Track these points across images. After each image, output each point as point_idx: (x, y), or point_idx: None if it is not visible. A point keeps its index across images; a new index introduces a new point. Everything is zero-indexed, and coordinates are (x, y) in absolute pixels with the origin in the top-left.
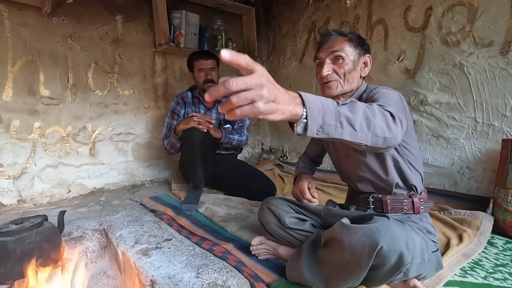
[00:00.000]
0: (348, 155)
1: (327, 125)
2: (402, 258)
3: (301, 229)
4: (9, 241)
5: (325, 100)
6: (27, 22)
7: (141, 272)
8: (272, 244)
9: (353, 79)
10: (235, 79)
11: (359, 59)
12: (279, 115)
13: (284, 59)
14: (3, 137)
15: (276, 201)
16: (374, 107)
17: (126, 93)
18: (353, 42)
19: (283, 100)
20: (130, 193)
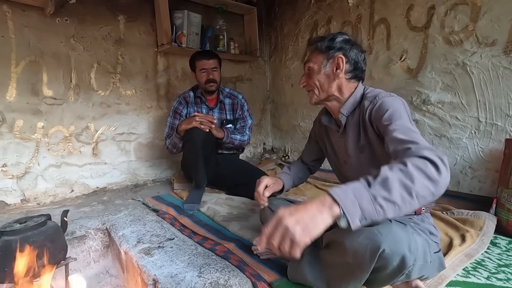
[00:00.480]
0: (346, 161)
1: (367, 213)
2: (404, 261)
3: None
4: (13, 240)
5: (356, 187)
6: (30, 22)
7: (143, 271)
8: None
9: (330, 86)
10: (260, 240)
11: (327, 64)
12: (321, 226)
13: (286, 58)
14: (6, 137)
15: (278, 202)
16: (409, 168)
17: (128, 93)
18: (320, 49)
19: (312, 213)
20: (132, 193)
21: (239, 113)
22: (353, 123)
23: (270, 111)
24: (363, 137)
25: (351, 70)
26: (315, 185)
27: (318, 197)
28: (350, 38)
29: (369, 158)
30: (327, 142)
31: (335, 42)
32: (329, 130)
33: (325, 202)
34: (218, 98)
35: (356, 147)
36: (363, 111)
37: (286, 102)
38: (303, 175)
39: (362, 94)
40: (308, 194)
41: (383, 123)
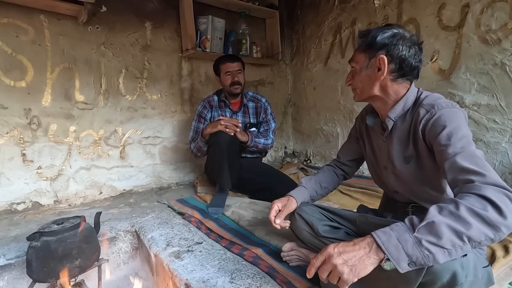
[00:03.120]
0: (386, 167)
1: (415, 257)
2: (455, 278)
3: (335, 237)
4: (51, 241)
5: (400, 231)
6: (65, 31)
7: (175, 275)
8: (304, 251)
9: (372, 88)
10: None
11: (369, 64)
12: (369, 268)
13: (308, 61)
14: (42, 140)
15: (308, 208)
16: (461, 212)
17: (154, 97)
18: (362, 47)
19: (359, 255)
20: (157, 195)
21: (262, 116)
22: (401, 129)
23: (292, 114)
24: (411, 148)
25: (396, 70)
26: (340, 190)
27: (364, 238)
28: (398, 31)
29: (414, 170)
30: (367, 142)
31: (376, 40)
32: (371, 130)
33: (371, 245)
34: (241, 101)
35: (400, 156)
36: (416, 120)
37: (308, 106)
38: (329, 185)
39: (416, 98)
40: (332, 199)
41: (440, 142)
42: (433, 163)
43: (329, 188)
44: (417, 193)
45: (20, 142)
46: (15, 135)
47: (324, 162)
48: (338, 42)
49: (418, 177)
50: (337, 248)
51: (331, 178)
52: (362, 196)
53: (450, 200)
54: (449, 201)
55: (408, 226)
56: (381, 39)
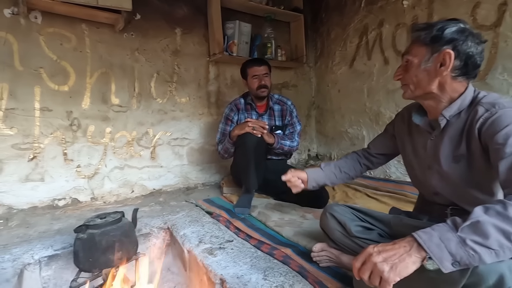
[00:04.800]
0: (431, 166)
1: (459, 257)
2: (503, 281)
3: (368, 238)
4: (96, 234)
5: (442, 230)
6: (103, 38)
7: (209, 270)
8: (335, 252)
9: (430, 84)
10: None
11: (430, 59)
12: (411, 267)
13: (333, 64)
14: (81, 141)
15: (340, 208)
16: (509, 212)
17: (183, 100)
18: (424, 40)
19: (400, 254)
20: (185, 195)
21: (288, 119)
22: (454, 128)
23: (315, 117)
24: (464, 147)
25: (461, 67)
26: (366, 194)
27: (404, 238)
28: (466, 27)
29: (464, 170)
30: (408, 141)
31: (444, 33)
32: (414, 129)
33: (411, 244)
34: (267, 104)
35: (450, 155)
36: (473, 119)
37: (332, 108)
38: (349, 171)
39: (473, 97)
40: (358, 203)
41: (497, 140)
42: (486, 164)
43: (349, 174)
44: (462, 195)
45: (62, 142)
46: (58, 136)
47: None
48: (364, 44)
49: (466, 178)
50: (376, 247)
51: (352, 165)
52: (389, 200)
53: (497, 201)
54: (496, 202)
55: (450, 226)
56: (450, 33)
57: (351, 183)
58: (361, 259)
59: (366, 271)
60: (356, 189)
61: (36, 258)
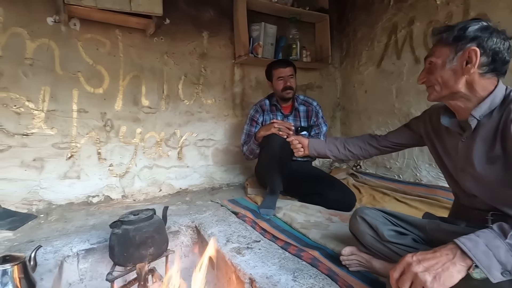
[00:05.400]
0: (464, 169)
1: (510, 265)
2: None
3: (402, 243)
4: (130, 229)
5: (488, 237)
6: (135, 42)
7: (238, 269)
8: (365, 256)
9: (456, 83)
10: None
11: (455, 58)
12: (456, 277)
13: (359, 64)
14: (113, 141)
15: (371, 212)
16: None
17: (208, 102)
18: (446, 40)
19: (443, 262)
20: (210, 195)
21: (313, 120)
22: (486, 128)
23: (340, 118)
24: (499, 148)
25: (488, 63)
26: (395, 198)
27: (445, 245)
28: (488, 24)
29: (500, 171)
30: (438, 144)
31: (467, 31)
32: (443, 130)
33: (454, 252)
34: (293, 105)
35: (484, 157)
36: (507, 117)
37: (359, 109)
38: (355, 149)
39: (505, 95)
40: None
41: None
42: None
43: (353, 153)
44: (502, 198)
45: (97, 142)
46: (93, 136)
47: (376, 168)
48: (393, 43)
49: (503, 179)
50: (416, 256)
51: (359, 145)
52: (421, 205)
53: None
54: None
55: (497, 232)
56: (473, 30)
57: (378, 186)
58: (400, 268)
59: (406, 281)
60: (384, 193)
61: (75, 251)
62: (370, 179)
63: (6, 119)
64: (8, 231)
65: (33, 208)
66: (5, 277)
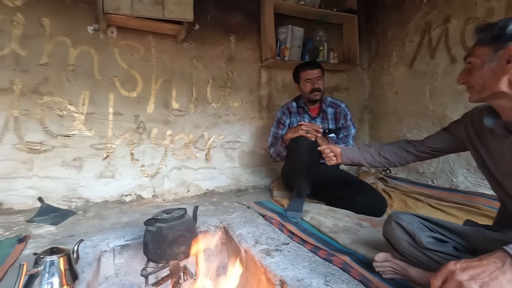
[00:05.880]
0: (510, 173)
1: None
2: None
3: (442, 251)
4: (164, 227)
5: None
6: (166, 48)
7: (268, 271)
8: (401, 264)
9: (497, 84)
10: None
11: (494, 57)
12: (506, 286)
13: (389, 65)
14: (145, 142)
15: (407, 217)
16: None
17: (235, 104)
18: (485, 40)
19: (491, 271)
20: (236, 197)
21: (342, 122)
22: None
23: (368, 121)
24: None
25: None
26: (429, 204)
27: (492, 253)
28: None
29: None
30: (482, 146)
31: (507, 30)
32: (487, 133)
33: (503, 260)
34: (320, 107)
35: None
36: None
37: (388, 112)
38: (390, 156)
39: None
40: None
41: None
42: None
43: (389, 160)
44: None
45: (130, 143)
46: (126, 137)
47: (407, 173)
48: (426, 43)
49: None
50: (459, 264)
51: (394, 151)
52: (458, 212)
53: None
54: None
55: None
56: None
57: (410, 191)
58: (441, 276)
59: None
60: (417, 199)
61: (111, 246)
62: (401, 184)
63: (50, 121)
64: (51, 225)
65: (73, 205)
66: (52, 268)
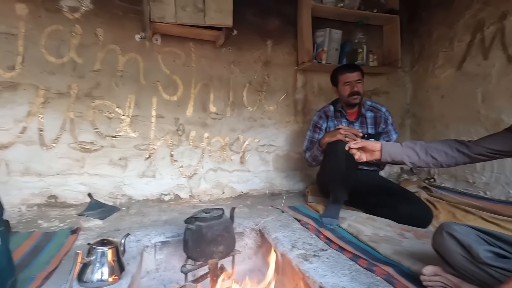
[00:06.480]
0: None
1: None
2: None
3: (504, 267)
4: (203, 226)
5: None
6: (205, 53)
7: (307, 276)
8: (453, 279)
9: None
10: None
11: None
12: None
13: (435, 67)
14: (184, 144)
15: (461, 228)
16: None
17: (271, 108)
18: None
19: None
20: (270, 200)
21: (382, 127)
22: None
23: (410, 126)
24: None
25: None
26: (481, 217)
27: None
28: None
29: None
30: None
31: None
32: None
33: None
34: (359, 111)
35: None
36: None
37: (433, 116)
38: (439, 156)
39: None
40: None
41: None
42: None
43: (437, 160)
44: None
45: (170, 145)
46: (167, 139)
47: (455, 183)
48: (478, 42)
49: None
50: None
51: (444, 151)
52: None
53: None
54: None
55: None
56: None
57: (459, 202)
58: None
59: None
60: (467, 211)
61: (153, 242)
62: (448, 194)
63: (100, 123)
64: (99, 220)
65: (117, 202)
66: (103, 258)
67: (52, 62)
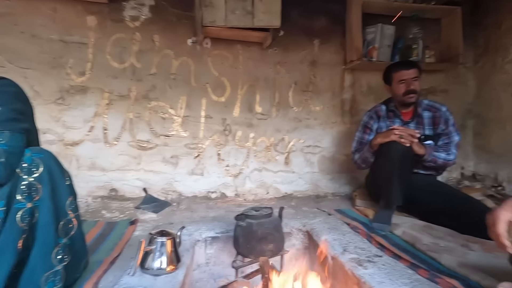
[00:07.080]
0: None
1: None
2: None
3: None
4: (254, 223)
5: None
6: (252, 55)
7: (362, 282)
8: None
9: None
10: None
11: None
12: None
13: (504, 62)
14: (230, 143)
15: None
16: None
17: (317, 109)
18: None
19: None
20: (315, 203)
21: (442, 127)
22: None
23: (473, 128)
24: None
25: None
26: None
27: None
28: None
29: None
30: None
31: None
32: None
33: None
34: (415, 111)
35: None
36: None
37: (502, 117)
38: None
39: None
40: None
41: None
42: None
43: None
44: None
45: (217, 144)
46: (214, 139)
47: None
48: None
49: None
50: None
51: None
52: None
53: None
54: None
55: None
56: None
57: None
58: None
59: None
60: None
61: (203, 236)
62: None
63: (155, 122)
64: (153, 213)
65: (169, 197)
66: (162, 248)
67: (115, 67)
